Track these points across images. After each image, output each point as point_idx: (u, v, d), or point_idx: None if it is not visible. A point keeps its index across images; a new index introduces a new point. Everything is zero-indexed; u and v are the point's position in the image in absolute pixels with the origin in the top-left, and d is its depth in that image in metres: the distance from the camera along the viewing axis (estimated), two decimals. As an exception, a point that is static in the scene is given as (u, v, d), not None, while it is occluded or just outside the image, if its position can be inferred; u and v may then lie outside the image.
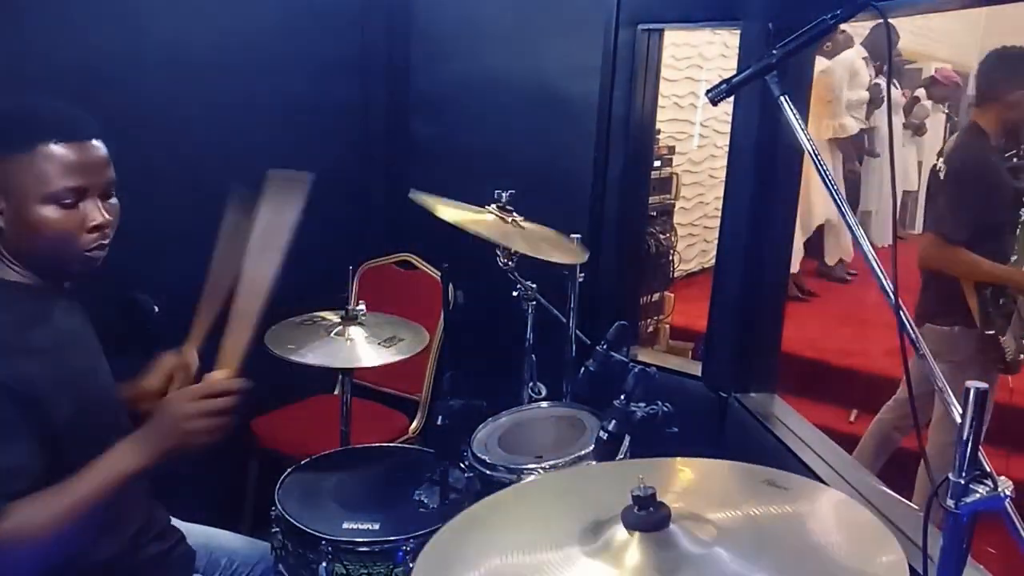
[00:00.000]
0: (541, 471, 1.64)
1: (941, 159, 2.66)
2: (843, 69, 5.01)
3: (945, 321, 2.59)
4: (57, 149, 1.30)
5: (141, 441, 1.29)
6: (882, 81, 5.28)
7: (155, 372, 1.60)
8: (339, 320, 2.08)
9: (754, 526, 0.93)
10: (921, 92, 6.49)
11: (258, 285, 1.44)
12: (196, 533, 1.67)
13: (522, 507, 1.08)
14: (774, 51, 1.18)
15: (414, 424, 2.84)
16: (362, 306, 2.10)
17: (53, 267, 1.38)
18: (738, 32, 2.33)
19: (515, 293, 2.08)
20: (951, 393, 0.99)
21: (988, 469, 0.89)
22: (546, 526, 0.97)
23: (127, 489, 1.33)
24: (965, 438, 0.87)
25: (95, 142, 1.35)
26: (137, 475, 1.28)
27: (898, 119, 6.13)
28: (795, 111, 1.16)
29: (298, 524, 1.58)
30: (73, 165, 1.31)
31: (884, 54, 5.15)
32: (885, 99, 5.40)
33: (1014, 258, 2.58)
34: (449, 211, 1.92)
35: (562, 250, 2.03)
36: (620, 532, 0.90)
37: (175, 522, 1.65)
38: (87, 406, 1.36)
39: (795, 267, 5.05)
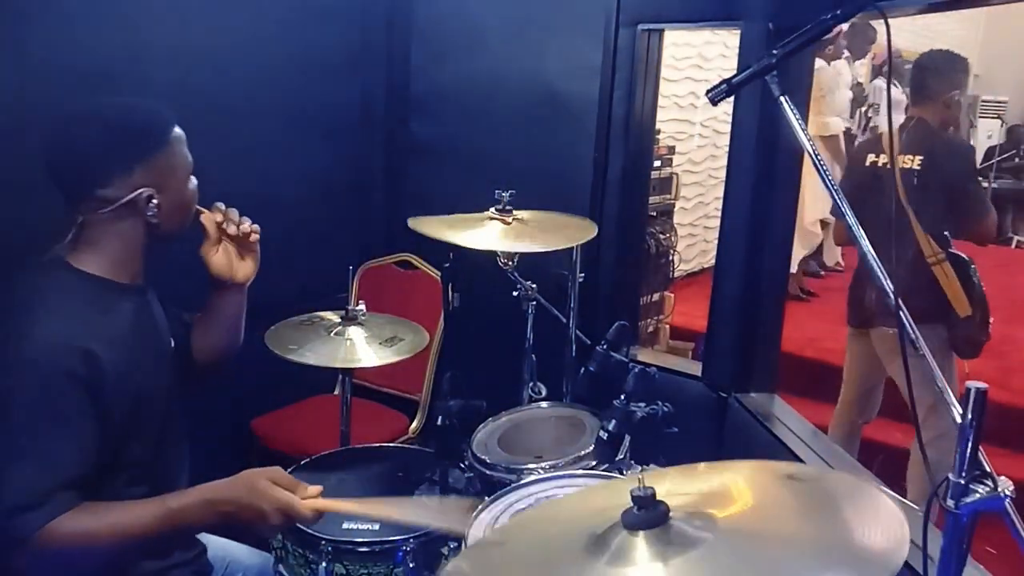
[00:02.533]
0: (541, 471, 1.64)
1: (910, 156, 2.75)
2: (832, 69, 5.03)
3: (893, 322, 2.62)
4: (178, 130, 1.45)
5: (215, 504, 1.30)
6: (862, 80, 5.37)
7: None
8: (339, 320, 2.08)
9: (756, 510, 0.93)
10: None
11: None
12: (214, 545, 1.68)
13: (520, 541, 1.08)
14: (774, 51, 1.18)
15: (414, 424, 2.84)
16: (362, 306, 2.09)
17: (174, 239, 1.49)
18: (738, 32, 2.33)
19: (515, 293, 2.08)
20: (951, 393, 0.99)
21: (988, 469, 0.89)
22: (551, 552, 0.97)
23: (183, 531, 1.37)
24: (965, 438, 0.87)
25: None
26: (196, 528, 1.33)
27: (901, 117, 6.13)
28: (795, 111, 1.16)
29: (298, 524, 1.57)
30: (185, 140, 1.47)
31: (861, 51, 5.26)
32: (884, 99, 5.43)
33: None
34: (450, 231, 1.93)
35: (569, 232, 2.02)
36: (626, 536, 0.90)
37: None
38: (143, 401, 1.39)
39: (794, 267, 5.07)
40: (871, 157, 2.87)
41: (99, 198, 1.37)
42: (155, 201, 1.39)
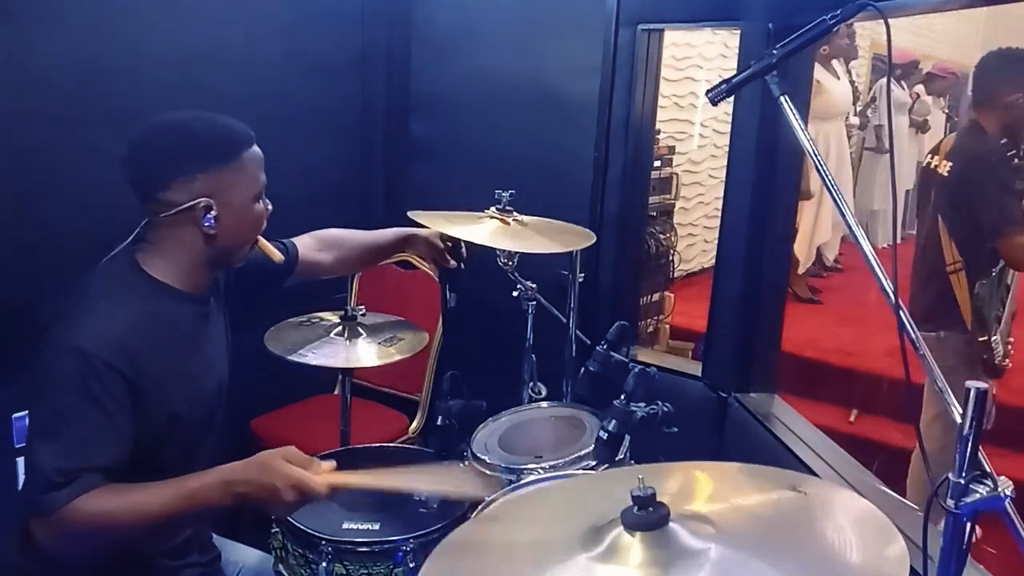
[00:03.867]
0: (541, 471, 1.63)
1: (940, 158, 2.65)
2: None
3: (930, 327, 2.58)
4: (255, 151, 1.47)
5: (232, 484, 1.31)
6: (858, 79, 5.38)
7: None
8: (339, 320, 2.08)
9: (757, 523, 0.93)
10: (920, 88, 6.51)
11: None
12: (228, 549, 1.70)
13: (521, 517, 1.08)
14: (774, 51, 1.18)
15: (414, 424, 2.84)
16: (362, 306, 2.10)
17: (236, 260, 1.51)
18: (738, 32, 2.33)
19: (515, 293, 2.08)
20: (951, 395, 0.99)
21: (988, 469, 0.89)
22: (547, 534, 0.97)
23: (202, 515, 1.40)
24: (965, 438, 0.87)
25: None
26: (215, 508, 1.33)
27: (903, 118, 6.14)
28: (795, 111, 1.16)
29: (298, 524, 1.57)
30: (262, 163, 1.50)
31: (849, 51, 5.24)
32: (885, 98, 5.44)
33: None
34: (449, 224, 1.93)
35: (567, 238, 2.03)
36: (622, 534, 0.90)
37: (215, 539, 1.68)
38: (182, 409, 1.42)
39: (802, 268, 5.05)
40: (927, 159, 2.75)
41: (161, 201, 1.40)
42: (213, 212, 1.40)
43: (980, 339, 2.57)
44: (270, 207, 1.53)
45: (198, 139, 1.43)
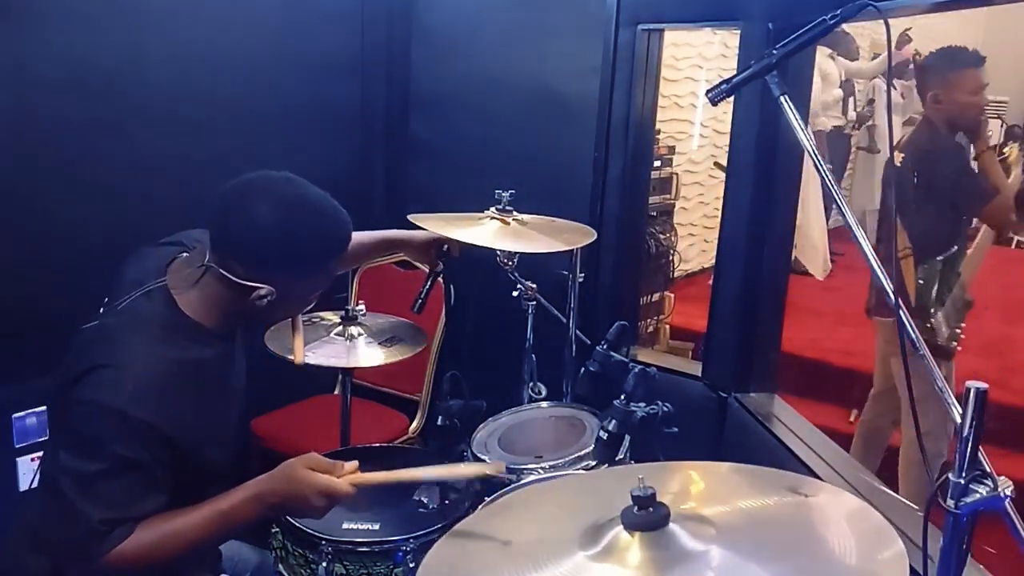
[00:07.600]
0: (541, 471, 1.64)
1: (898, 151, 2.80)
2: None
3: (887, 313, 2.63)
4: (343, 256, 1.44)
5: (263, 497, 1.33)
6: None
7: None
8: (339, 320, 2.08)
9: (756, 524, 0.93)
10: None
11: None
12: (228, 549, 1.69)
13: (521, 514, 1.08)
14: (774, 51, 1.18)
15: (414, 424, 2.84)
16: (362, 306, 2.10)
17: (267, 324, 1.53)
18: (738, 32, 2.33)
19: (515, 293, 2.08)
20: (949, 392, 0.99)
21: (988, 469, 0.89)
22: (546, 531, 0.97)
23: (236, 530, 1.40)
24: (965, 438, 0.87)
25: None
26: (248, 524, 1.34)
27: (898, 117, 6.14)
28: (795, 111, 1.16)
29: (298, 524, 1.57)
30: (344, 261, 1.46)
31: (848, 49, 5.28)
32: (886, 99, 5.45)
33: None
34: (449, 227, 1.93)
35: (567, 236, 2.02)
36: (621, 533, 0.90)
37: None
38: (221, 456, 1.44)
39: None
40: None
41: (227, 263, 1.35)
42: (269, 299, 1.36)
43: (921, 322, 2.64)
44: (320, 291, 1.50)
45: (293, 243, 1.36)
